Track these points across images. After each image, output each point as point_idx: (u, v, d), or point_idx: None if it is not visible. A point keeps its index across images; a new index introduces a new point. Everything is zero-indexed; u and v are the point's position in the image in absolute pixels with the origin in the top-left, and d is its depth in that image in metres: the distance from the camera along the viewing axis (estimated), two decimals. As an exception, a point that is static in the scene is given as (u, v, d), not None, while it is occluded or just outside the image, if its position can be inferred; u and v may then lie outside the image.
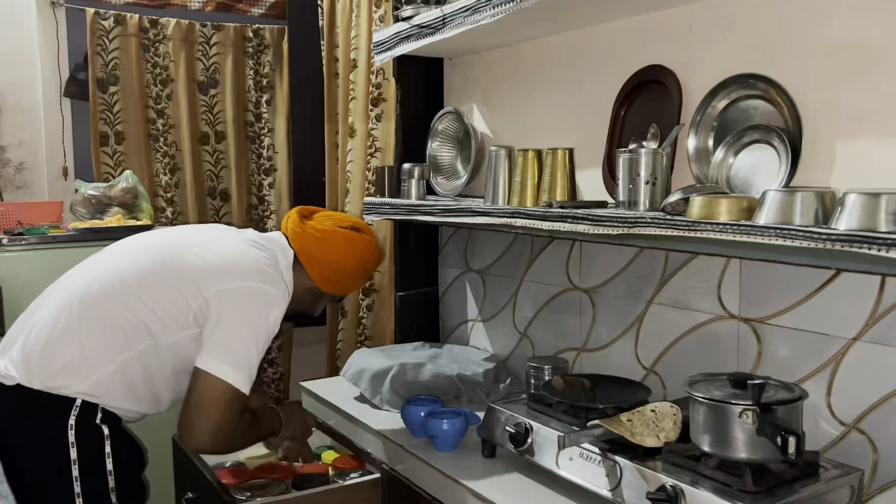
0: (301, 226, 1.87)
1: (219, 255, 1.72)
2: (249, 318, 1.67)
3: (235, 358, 1.63)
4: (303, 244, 1.86)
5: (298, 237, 1.86)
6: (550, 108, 2.08)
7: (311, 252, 1.85)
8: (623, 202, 1.59)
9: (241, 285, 1.67)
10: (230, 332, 1.65)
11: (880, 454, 1.42)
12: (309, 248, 1.85)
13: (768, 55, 1.53)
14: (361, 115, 2.97)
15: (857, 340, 1.45)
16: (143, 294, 1.67)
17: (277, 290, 1.71)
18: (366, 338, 3.02)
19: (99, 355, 1.65)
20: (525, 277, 2.25)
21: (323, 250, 1.85)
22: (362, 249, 1.90)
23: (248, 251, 1.76)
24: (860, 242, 1.14)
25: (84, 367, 1.64)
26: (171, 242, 1.78)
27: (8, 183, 3.40)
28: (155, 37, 3.57)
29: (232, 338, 1.65)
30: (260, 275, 1.71)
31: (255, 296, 1.68)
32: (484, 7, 1.80)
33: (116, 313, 1.66)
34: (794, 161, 1.43)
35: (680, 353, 1.80)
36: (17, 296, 2.74)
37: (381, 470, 1.95)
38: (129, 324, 1.65)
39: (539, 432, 1.61)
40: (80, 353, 1.64)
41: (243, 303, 1.67)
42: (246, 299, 1.67)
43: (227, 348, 1.63)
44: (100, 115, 3.46)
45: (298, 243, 1.86)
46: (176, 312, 1.66)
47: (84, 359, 1.64)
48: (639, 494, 1.39)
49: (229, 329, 1.65)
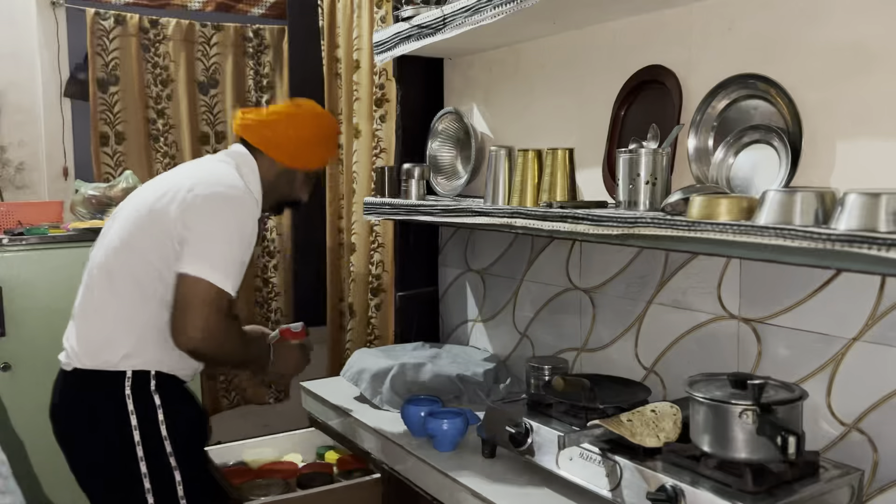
0: (245, 118, 1.95)
1: (184, 179, 1.81)
2: (219, 220, 1.74)
3: (213, 259, 1.70)
4: (256, 133, 1.93)
5: (249, 129, 1.94)
6: (550, 108, 2.08)
7: (266, 135, 1.92)
8: (623, 202, 1.59)
9: (205, 192, 1.75)
10: (204, 236, 1.72)
11: (880, 454, 1.42)
12: (262, 133, 1.92)
13: (768, 55, 1.53)
14: (366, 116, 2.97)
15: (857, 340, 1.45)
16: (137, 246, 1.77)
17: (241, 191, 1.78)
18: (375, 337, 3.02)
19: (125, 319, 1.76)
20: (525, 277, 2.25)
21: (275, 130, 1.92)
22: (308, 117, 1.97)
23: (210, 166, 1.87)
24: (860, 242, 1.13)
25: (117, 335, 1.76)
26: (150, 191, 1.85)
27: (8, 183, 3.40)
28: (155, 37, 3.57)
29: (207, 241, 1.72)
30: (221, 179, 1.79)
31: (219, 199, 1.75)
32: (484, 7, 1.80)
33: (124, 272, 1.77)
34: (794, 161, 1.43)
35: (680, 353, 1.80)
36: (17, 296, 2.74)
37: (381, 470, 1.95)
38: (137, 278, 1.76)
39: (539, 432, 1.61)
40: (111, 324, 1.77)
41: (209, 207, 1.74)
42: (212, 204, 1.74)
43: (204, 251, 1.70)
44: (100, 115, 3.46)
45: (251, 134, 1.93)
46: (169, 251, 1.73)
47: (115, 328, 1.76)
48: (639, 494, 1.39)
49: (202, 234, 1.72)
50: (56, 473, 2.77)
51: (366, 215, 2.39)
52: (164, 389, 1.78)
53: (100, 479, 1.82)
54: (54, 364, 2.82)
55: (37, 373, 2.78)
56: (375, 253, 2.98)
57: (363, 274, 3.03)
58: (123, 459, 1.74)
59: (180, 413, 1.81)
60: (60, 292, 2.81)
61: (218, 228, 1.73)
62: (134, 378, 1.75)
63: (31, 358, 2.77)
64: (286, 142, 1.92)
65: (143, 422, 1.74)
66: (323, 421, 2.25)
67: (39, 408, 2.76)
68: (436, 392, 2.07)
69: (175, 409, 1.79)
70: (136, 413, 1.74)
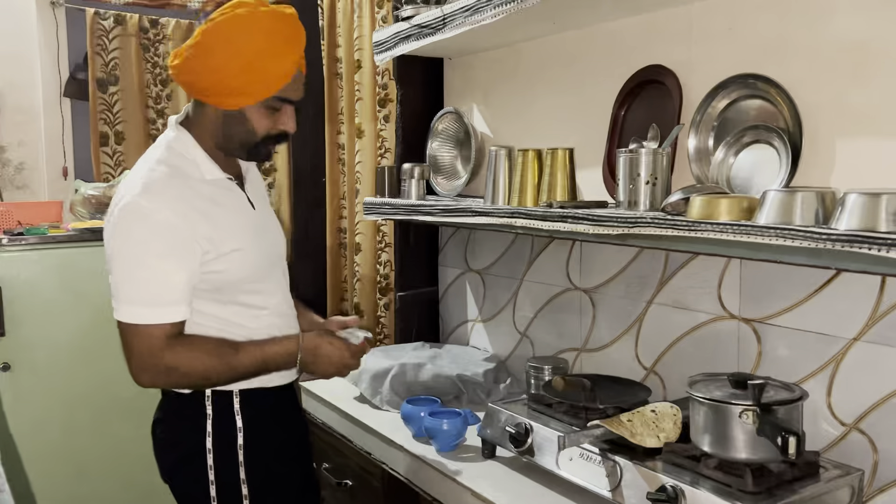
0: (173, 62, 1.58)
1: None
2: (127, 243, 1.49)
3: (131, 293, 1.48)
4: (184, 77, 1.56)
5: (178, 72, 1.56)
6: (550, 108, 2.08)
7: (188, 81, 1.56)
8: (623, 202, 1.59)
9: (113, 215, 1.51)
10: (115, 267, 1.50)
11: (880, 454, 1.42)
12: (184, 80, 1.56)
13: (768, 55, 1.53)
14: (369, 117, 2.97)
15: (857, 340, 1.45)
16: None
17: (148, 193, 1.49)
18: (385, 336, 3.02)
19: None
20: (525, 277, 2.25)
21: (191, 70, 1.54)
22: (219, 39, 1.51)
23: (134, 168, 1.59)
24: (860, 242, 1.13)
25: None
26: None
27: (8, 183, 3.40)
28: (155, 37, 3.58)
29: (119, 272, 1.50)
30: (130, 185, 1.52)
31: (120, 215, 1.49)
32: (484, 7, 1.80)
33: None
34: (794, 161, 1.43)
35: (680, 353, 1.80)
36: (17, 296, 2.74)
37: (381, 470, 1.95)
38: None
39: (539, 432, 1.61)
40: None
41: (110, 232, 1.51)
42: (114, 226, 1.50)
43: (121, 287, 1.49)
44: (100, 115, 3.46)
45: (182, 78, 1.56)
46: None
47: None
48: (639, 494, 1.39)
49: (114, 265, 1.50)
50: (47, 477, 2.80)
51: (366, 215, 2.39)
52: (249, 408, 1.61)
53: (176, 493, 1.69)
54: (54, 364, 2.84)
55: (37, 373, 2.79)
56: (383, 253, 2.98)
57: (370, 274, 3.03)
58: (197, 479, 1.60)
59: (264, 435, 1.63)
60: (60, 292, 2.83)
61: (122, 252, 1.49)
62: (214, 397, 1.59)
63: (31, 358, 2.78)
64: (203, 80, 1.53)
65: (218, 445, 1.59)
66: (323, 421, 2.25)
67: (39, 408, 2.80)
68: (436, 392, 2.07)
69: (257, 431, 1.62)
70: (212, 435, 1.59)
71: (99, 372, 2.84)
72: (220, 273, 1.55)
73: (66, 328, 2.83)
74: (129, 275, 1.49)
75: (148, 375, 1.50)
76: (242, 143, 1.60)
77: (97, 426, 2.87)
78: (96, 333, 2.83)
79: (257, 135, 1.59)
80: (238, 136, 1.59)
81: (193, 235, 1.50)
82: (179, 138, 1.60)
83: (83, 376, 2.86)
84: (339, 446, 2.17)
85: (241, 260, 1.58)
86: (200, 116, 1.60)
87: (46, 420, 2.81)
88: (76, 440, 2.86)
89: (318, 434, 2.27)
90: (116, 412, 2.86)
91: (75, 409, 2.85)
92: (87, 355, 2.85)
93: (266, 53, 1.52)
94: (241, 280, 1.60)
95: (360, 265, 3.09)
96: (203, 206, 1.53)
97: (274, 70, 1.54)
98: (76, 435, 2.86)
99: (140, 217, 1.48)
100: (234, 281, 1.58)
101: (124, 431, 2.82)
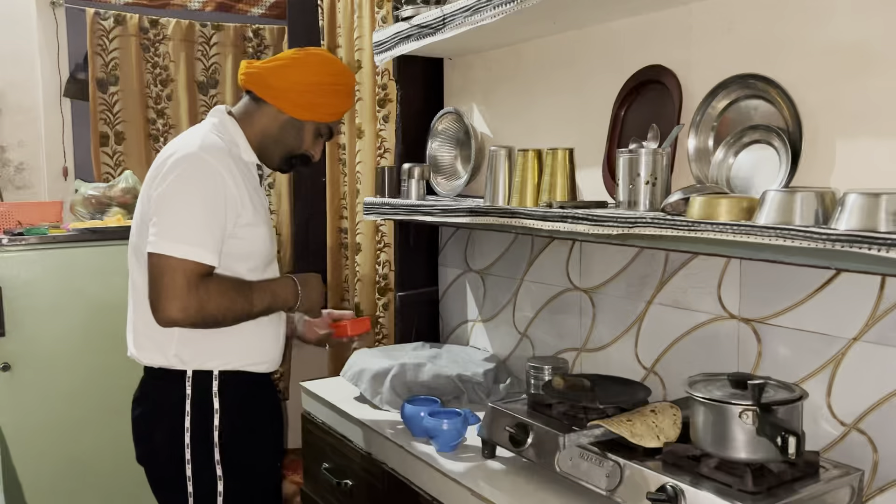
0: (251, 66, 1.82)
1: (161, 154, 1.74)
2: (176, 185, 1.63)
3: (175, 231, 1.61)
4: (259, 81, 1.80)
5: (254, 78, 1.80)
6: (550, 108, 2.08)
7: (269, 82, 1.79)
8: (623, 202, 1.59)
9: (169, 161, 1.66)
10: (163, 208, 1.63)
11: (880, 454, 1.42)
12: (265, 80, 1.79)
13: (768, 55, 1.53)
14: (369, 117, 2.97)
15: (857, 340, 1.45)
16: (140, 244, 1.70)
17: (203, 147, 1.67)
18: (384, 336, 3.02)
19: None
20: (525, 277, 2.25)
21: (278, 76, 1.78)
22: (316, 63, 1.81)
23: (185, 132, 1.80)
24: (860, 242, 1.13)
25: (160, 337, 1.70)
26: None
27: (8, 183, 3.40)
28: (155, 37, 3.57)
29: (166, 212, 1.62)
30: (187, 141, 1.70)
31: (176, 163, 1.65)
32: (484, 7, 1.80)
33: (138, 274, 1.73)
34: (794, 161, 1.43)
35: (680, 353, 1.80)
36: (17, 296, 2.74)
37: (381, 470, 1.95)
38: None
39: (539, 432, 1.61)
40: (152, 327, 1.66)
41: (165, 175, 1.64)
42: (169, 170, 1.65)
43: (165, 224, 1.61)
44: (100, 115, 3.46)
45: (255, 82, 1.80)
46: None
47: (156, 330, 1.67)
48: (639, 494, 1.38)
49: (161, 206, 1.63)
50: (47, 477, 2.80)
51: (366, 215, 2.39)
52: (227, 392, 1.73)
53: (150, 475, 1.81)
54: (54, 364, 2.84)
55: (37, 373, 2.79)
56: (382, 253, 2.98)
57: (370, 274, 3.03)
58: (173, 458, 1.71)
59: (240, 420, 1.75)
60: (60, 292, 2.83)
61: (175, 195, 1.63)
62: (195, 378, 1.72)
63: (31, 358, 2.78)
64: (289, 88, 1.78)
65: (195, 426, 1.71)
66: (323, 421, 2.25)
67: (39, 408, 2.80)
68: (436, 392, 2.07)
69: (234, 416, 1.74)
70: (190, 415, 1.71)
71: (99, 372, 2.84)
72: (240, 240, 1.71)
73: (66, 328, 2.83)
74: (178, 216, 1.62)
75: (178, 304, 1.59)
76: (286, 148, 1.84)
77: (97, 426, 2.87)
78: (96, 333, 2.83)
79: (301, 147, 1.85)
80: (286, 141, 1.83)
81: (235, 196, 1.68)
82: (225, 122, 1.80)
83: (83, 376, 2.86)
84: (339, 446, 2.17)
85: (257, 236, 1.75)
86: (257, 114, 1.81)
87: (46, 420, 2.81)
88: (76, 440, 2.86)
89: (318, 434, 2.27)
90: (116, 412, 2.84)
91: (75, 408, 2.85)
92: (87, 355, 2.85)
93: (342, 90, 1.84)
94: (251, 254, 1.75)
95: (360, 265, 3.09)
96: (240, 178, 1.72)
97: (339, 105, 1.85)
98: (76, 435, 2.86)
99: (199, 167, 1.65)
100: (246, 254, 1.73)
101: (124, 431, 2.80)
